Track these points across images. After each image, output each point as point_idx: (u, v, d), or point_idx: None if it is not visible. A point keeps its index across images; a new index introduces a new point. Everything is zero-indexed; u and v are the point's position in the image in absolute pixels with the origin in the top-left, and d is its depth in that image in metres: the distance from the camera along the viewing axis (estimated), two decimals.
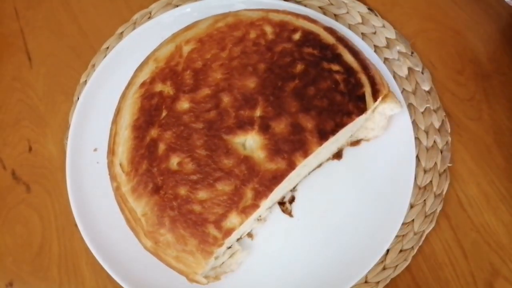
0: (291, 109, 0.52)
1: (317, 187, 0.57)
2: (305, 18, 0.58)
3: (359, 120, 0.53)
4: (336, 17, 0.67)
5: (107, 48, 0.65)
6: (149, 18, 0.67)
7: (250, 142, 0.51)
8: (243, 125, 0.51)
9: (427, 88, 0.63)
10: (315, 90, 0.53)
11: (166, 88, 0.55)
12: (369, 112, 0.53)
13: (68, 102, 0.62)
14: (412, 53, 0.65)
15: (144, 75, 0.56)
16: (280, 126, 0.51)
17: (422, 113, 0.61)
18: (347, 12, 0.68)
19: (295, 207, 0.56)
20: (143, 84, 0.56)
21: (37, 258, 0.55)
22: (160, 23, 0.63)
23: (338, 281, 0.51)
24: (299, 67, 0.54)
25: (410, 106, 0.62)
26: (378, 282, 0.54)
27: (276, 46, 0.56)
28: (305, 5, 0.67)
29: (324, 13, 0.67)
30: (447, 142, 0.60)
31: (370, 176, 0.56)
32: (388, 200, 0.54)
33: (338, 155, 0.58)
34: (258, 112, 0.52)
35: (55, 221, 0.57)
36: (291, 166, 0.49)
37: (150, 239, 0.49)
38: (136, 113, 0.54)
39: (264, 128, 0.51)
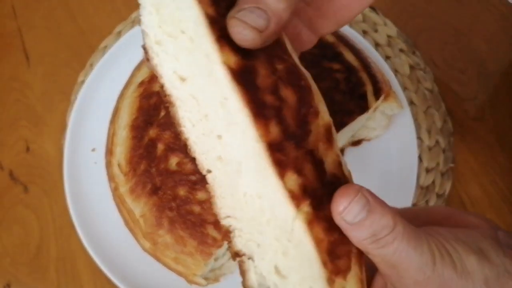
0: None
1: None
2: None
3: (360, 119, 0.53)
4: None
5: (105, 47, 0.64)
6: None
7: None
8: None
9: (429, 87, 0.62)
10: None
11: None
12: (370, 111, 0.52)
13: (66, 101, 0.62)
14: (414, 51, 0.65)
15: (143, 74, 0.56)
16: None
17: (424, 112, 0.61)
18: None
19: None
20: (141, 83, 0.55)
21: (35, 260, 0.55)
22: None
23: None
24: None
25: (412, 105, 0.61)
26: None
27: None
28: None
29: None
30: (449, 142, 0.59)
31: (371, 176, 0.55)
32: (390, 200, 0.53)
33: None
34: None
35: (53, 222, 0.56)
36: None
37: (149, 240, 0.49)
38: (135, 112, 0.54)
39: None
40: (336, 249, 0.26)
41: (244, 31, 0.24)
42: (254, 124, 0.25)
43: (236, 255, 0.27)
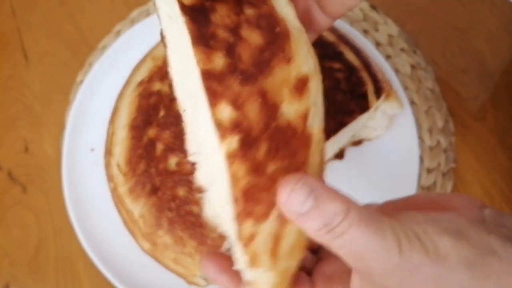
0: None
1: None
2: None
3: (361, 119, 0.52)
4: None
5: (104, 46, 0.64)
6: (147, 15, 0.66)
7: None
8: None
9: (430, 86, 0.62)
10: None
11: (164, 87, 0.54)
12: (371, 110, 0.52)
13: (65, 101, 0.61)
14: (415, 51, 0.64)
15: (142, 74, 0.55)
16: None
17: (425, 112, 0.60)
18: None
19: None
20: (140, 83, 0.55)
21: (34, 260, 0.54)
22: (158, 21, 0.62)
23: None
24: None
25: (413, 105, 0.61)
26: None
27: None
28: None
29: None
30: (450, 142, 0.59)
31: (372, 176, 0.55)
32: None
33: (340, 155, 0.58)
34: None
35: (51, 222, 0.56)
36: None
37: (148, 241, 0.49)
38: (134, 112, 0.54)
39: None
40: (256, 193, 0.25)
41: None
42: (193, 49, 0.25)
43: (198, 191, 0.28)
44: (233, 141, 0.24)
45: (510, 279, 0.23)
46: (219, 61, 0.25)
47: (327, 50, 0.55)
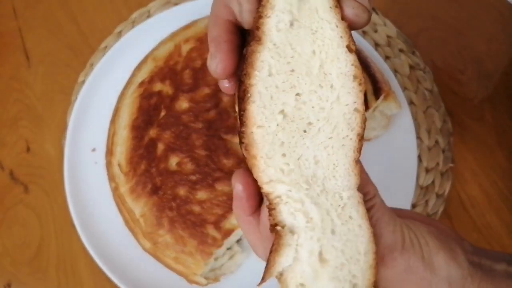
0: None
1: None
2: None
3: None
4: None
5: (106, 47, 0.64)
6: (148, 17, 0.66)
7: None
8: None
9: (428, 87, 0.63)
10: None
11: (165, 88, 0.54)
12: (370, 110, 0.53)
13: (66, 101, 0.62)
14: (413, 51, 0.65)
15: (143, 75, 0.56)
16: None
17: (424, 112, 0.61)
18: None
19: None
20: (141, 83, 0.55)
21: (35, 259, 0.55)
22: (159, 22, 0.62)
23: None
24: None
25: (411, 105, 0.61)
26: None
27: None
28: None
29: None
30: (449, 142, 0.60)
31: (371, 176, 0.55)
32: (389, 200, 0.53)
33: None
34: None
35: (53, 221, 0.56)
36: None
37: (149, 240, 0.49)
38: (135, 112, 0.54)
39: None
40: None
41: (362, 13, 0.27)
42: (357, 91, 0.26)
43: (275, 225, 0.25)
44: None
45: None
46: None
47: None
